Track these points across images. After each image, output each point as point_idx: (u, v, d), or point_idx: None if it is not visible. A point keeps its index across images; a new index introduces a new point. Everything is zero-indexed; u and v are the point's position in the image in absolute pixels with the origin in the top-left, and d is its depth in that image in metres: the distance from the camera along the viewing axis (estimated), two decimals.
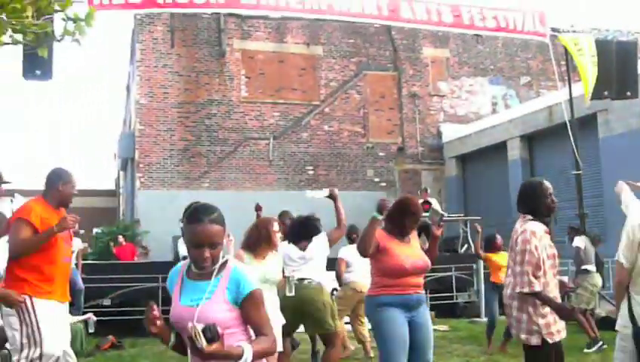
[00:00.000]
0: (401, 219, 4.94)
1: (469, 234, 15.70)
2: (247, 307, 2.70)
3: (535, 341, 4.18)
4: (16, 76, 8.36)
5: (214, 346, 2.45)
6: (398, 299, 4.76)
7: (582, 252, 9.23)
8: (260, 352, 2.63)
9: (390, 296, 4.76)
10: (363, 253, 4.83)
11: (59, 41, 3.84)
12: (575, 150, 10.98)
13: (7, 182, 5.67)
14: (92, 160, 69.17)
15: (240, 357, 2.55)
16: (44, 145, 71.34)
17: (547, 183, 4.49)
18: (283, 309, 5.99)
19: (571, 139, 10.89)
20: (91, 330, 9.34)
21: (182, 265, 2.91)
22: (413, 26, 11.30)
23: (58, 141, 72.76)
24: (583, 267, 9.18)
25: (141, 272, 11.05)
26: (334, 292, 8.33)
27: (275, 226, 5.63)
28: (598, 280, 9.19)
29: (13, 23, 3.49)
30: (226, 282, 2.71)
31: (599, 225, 13.18)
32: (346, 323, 9.23)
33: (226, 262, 2.79)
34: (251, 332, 2.73)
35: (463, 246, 15.55)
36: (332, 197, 6.50)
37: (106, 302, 11.00)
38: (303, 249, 6.41)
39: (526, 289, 4.14)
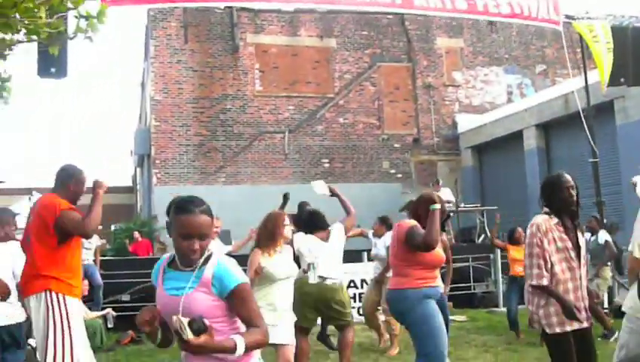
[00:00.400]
0: (426, 214, 4.96)
1: (485, 225, 15.66)
2: (234, 301, 2.66)
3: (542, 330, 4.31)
4: (30, 75, 8.43)
5: (202, 338, 2.40)
6: (434, 290, 5.07)
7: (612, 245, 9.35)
8: (252, 343, 2.59)
9: (430, 289, 5.02)
10: (434, 244, 4.85)
11: (71, 38, 3.87)
12: (590, 138, 10.90)
13: (1, 181, 5.70)
14: (109, 157, 69.58)
15: (233, 349, 2.50)
16: (60, 143, 71.86)
17: (567, 177, 4.43)
18: (302, 304, 6.05)
19: (586, 127, 10.82)
20: (110, 325, 9.43)
21: (165, 257, 2.87)
22: (426, 13, 11.20)
23: (75, 139, 73.28)
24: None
25: None
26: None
27: (286, 220, 5.63)
28: (607, 273, 9.34)
29: (27, 22, 3.52)
30: (211, 276, 2.67)
31: (617, 212, 13.08)
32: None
33: (210, 255, 2.75)
34: (239, 324, 2.69)
35: (480, 236, 15.49)
36: (333, 193, 6.69)
37: (125, 297, 11.08)
38: (325, 239, 6.43)
39: (534, 282, 4.21)
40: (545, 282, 4.16)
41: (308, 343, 6.49)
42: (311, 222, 6.59)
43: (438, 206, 4.89)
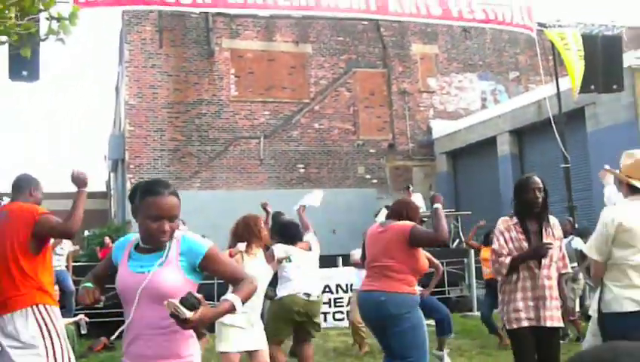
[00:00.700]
0: (413, 216, 5.09)
1: (460, 230, 15.77)
2: (209, 265, 2.70)
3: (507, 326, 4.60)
4: (3, 77, 8.33)
5: (199, 312, 2.40)
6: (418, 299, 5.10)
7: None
8: (246, 296, 2.64)
9: (417, 296, 5.05)
10: (447, 236, 5.15)
11: (43, 40, 3.83)
12: (562, 144, 11.05)
13: None
14: (82, 161, 68.88)
15: (232, 308, 2.55)
16: (31, 147, 71.00)
17: (535, 178, 4.60)
18: (285, 320, 6.08)
19: (556, 133, 10.96)
20: (84, 331, 9.32)
21: (132, 237, 2.85)
22: (401, 19, 11.30)
23: (47, 142, 72.46)
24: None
25: None
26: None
27: (262, 223, 5.65)
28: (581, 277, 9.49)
29: None
30: (178, 250, 2.68)
31: (588, 217, 13.24)
32: (339, 319, 9.29)
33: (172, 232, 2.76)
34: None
35: (454, 241, 15.60)
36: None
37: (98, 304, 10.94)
38: (308, 249, 6.45)
39: (498, 277, 4.60)
40: (504, 270, 4.45)
41: (284, 354, 6.52)
42: (291, 232, 6.54)
43: (439, 205, 4.98)
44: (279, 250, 6.18)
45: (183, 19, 18.69)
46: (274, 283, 6.18)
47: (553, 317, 4.44)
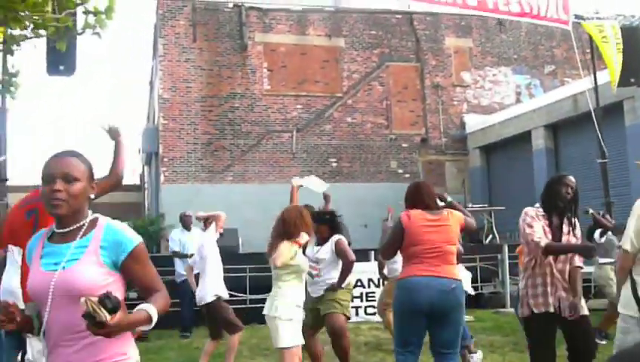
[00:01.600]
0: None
1: (494, 225, 15.61)
2: (133, 265, 2.33)
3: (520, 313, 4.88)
4: (38, 72, 8.45)
5: (118, 316, 2.06)
6: None
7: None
8: (162, 310, 2.32)
9: None
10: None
11: (80, 34, 3.88)
12: (600, 138, 10.86)
13: (5, 179, 5.54)
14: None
15: (149, 320, 2.24)
16: (65, 140, 72.05)
17: (570, 178, 4.81)
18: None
19: (596, 127, 10.77)
20: None
21: (45, 230, 2.44)
22: (436, 9, 11.19)
23: (81, 136, 73.45)
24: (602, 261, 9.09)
25: (167, 265, 11.13)
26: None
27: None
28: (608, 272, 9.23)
29: (35, 17, 3.52)
30: (99, 241, 2.30)
31: (626, 213, 12.99)
32: (372, 313, 9.28)
33: (96, 219, 2.38)
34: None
35: (487, 237, 15.44)
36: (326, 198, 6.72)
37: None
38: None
39: (538, 252, 4.60)
40: (543, 243, 4.55)
41: (321, 345, 6.57)
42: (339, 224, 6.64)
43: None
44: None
45: (217, 14, 18.79)
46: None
47: (569, 309, 4.60)
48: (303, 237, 5.26)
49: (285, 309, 5.09)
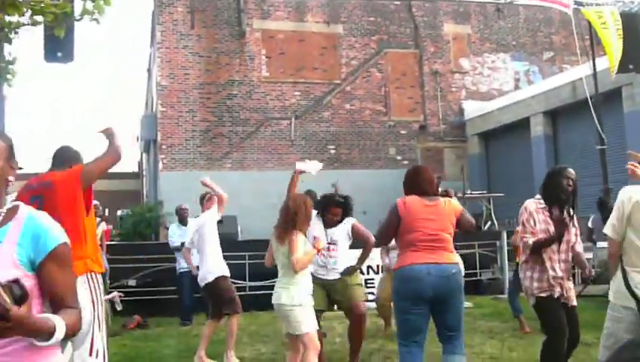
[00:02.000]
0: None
1: (492, 212, 15.63)
2: (51, 268, 1.94)
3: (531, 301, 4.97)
4: (36, 59, 8.40)
5: (23, 309, 1.72)
6: None
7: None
8: (72, 328, 1.93)
9: None
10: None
11: (78, 20, 3.85)
12: (598, 125, 10.84)
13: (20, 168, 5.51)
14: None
15: (51, 333, 1.84)
16: (63, 127, 71.95)
17: (570, 169, 4.95)
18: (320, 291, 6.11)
19: (593, 114, 10.76)
20: (119, 308, 9.44)
21: None
22: None
23: (79, 124, 73.36)
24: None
25: (165, 253, 11.16)
26: None
27: None
28: None
29: (32, 3, 3.50)
30: (17, 235, 1.93)
31: None
32: (371, 300, 9.30)
33: (16, 208, 2.00)
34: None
35: (486, 223, 15.47)
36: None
37: (131, 282, 11.11)
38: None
39: (527, 251, 4.81)
40: (530, 241, 4.77)
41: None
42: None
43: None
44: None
45: (215, 0, 18.71)
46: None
47: (570, 298, 4.90)
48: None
49: (303, 297, 5.24)
